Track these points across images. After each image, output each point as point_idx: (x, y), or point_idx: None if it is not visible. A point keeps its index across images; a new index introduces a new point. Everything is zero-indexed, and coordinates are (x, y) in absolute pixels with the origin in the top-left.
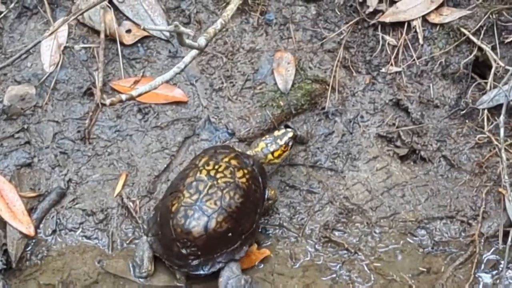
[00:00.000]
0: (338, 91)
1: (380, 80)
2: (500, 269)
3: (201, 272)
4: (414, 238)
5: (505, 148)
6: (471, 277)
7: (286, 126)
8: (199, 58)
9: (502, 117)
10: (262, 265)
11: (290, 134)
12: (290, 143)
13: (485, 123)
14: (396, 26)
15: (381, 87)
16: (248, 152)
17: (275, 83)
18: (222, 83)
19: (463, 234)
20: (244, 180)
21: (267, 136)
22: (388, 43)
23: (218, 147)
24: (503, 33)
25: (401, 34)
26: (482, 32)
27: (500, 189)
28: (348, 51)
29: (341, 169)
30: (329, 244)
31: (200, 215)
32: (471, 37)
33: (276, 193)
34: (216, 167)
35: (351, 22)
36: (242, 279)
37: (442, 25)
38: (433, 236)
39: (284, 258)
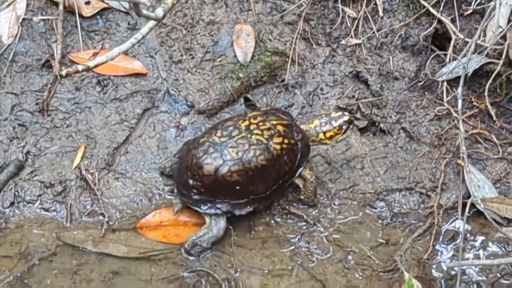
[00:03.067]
0: (298, 63)
1: (340, 52)
2: (458, 240)
3: (198, 208)
4: (373, 209)
5: (463, 120)
6: (429, 248)
7: (246, 99)
8: (159, 30)
9: (460, 89)
10: (222, 237)
11: (346, 118)
12: (344, 127)
13: (444, 95)
14: None
15: (341, 60)
16: (302, 126)
17: (235, 55)
18: (182, 55)
19: (422, 205)
20: (278, 147)
21: (323, 115)
22: (348, 16)
23: (280, 111)
24: (463, 5)
25: (361, 6)
26: (442, 4)
27: (459, 161)
28: (308, 23)
29: None
30: (289, 216)
31: (217, 156)
32: (431, 9)
33: (313, 176)
34: (260, 124)
35: None
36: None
37: None
38: (392, 207)
39: (244, 230)
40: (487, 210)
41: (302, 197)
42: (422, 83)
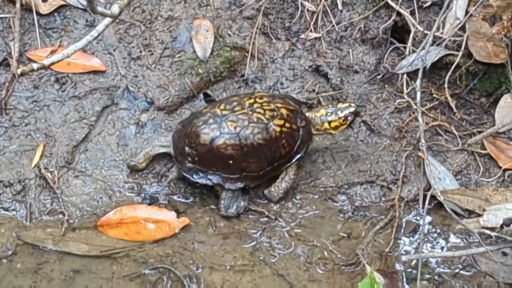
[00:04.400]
0: (258, 58)
1: (300, 46)
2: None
3: (190, 177)
4: (335, 203)
5: (424, 112)
6: (391, 241)
7: (205, 95)
8: (117, 27)
9: (418, 81)
10: (182, 234)
11: (352, 109)
12: (350, 118)
13: (404, 88)
14: None
15: (300, 54)
16: (307, 114)
17: (194, 51)
18: (141, 51)
19: (383, 198)
20: (278, 129)
21: (330, 105)
22: (307, 9)
23: (289, 96)
24: None
25: (320, 0)
26: None
27: (420, 153)
28: (267, 18)
29: None
30: (250, 212)
31: (215, 128)
32: (390, 2)
33: (295, 174)
34: (264, 104)
35: None
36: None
37: None
38: (354, 201)
39: (205, 226)
40: (447, 202)
41: (272, 189)
42: (382, 76)
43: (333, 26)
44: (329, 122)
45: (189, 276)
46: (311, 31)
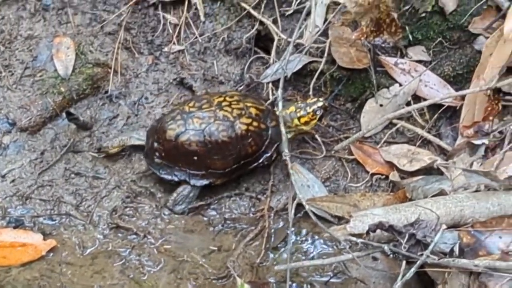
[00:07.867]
0: (121, 74)
1: (163, 59)
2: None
3: (157, 172)
4: (204, 218)
5: None
6: (262, 252)
7: (68, 113)
8: None
9: (280, 91)
10: (50, 256)
11: (320, 104)
12: (318, 112)
13: (270, 97)
14: (177, 4)
15: (164, 67)
16: (277, 113)
17: (55, 69)
18: (1, 72)
19: (252, 209)
20: (244, 127)
21: (299, 101)
22: (170, 22)
23: (262, 98)
24: (284, 6)
25: (182, 12)
26: (263, 5)
27: (287, 162)
28: (129, 33)
29: (129, 153)
30: (118, 230)
31: (181, 124)
32: (252, 11)
33: None
34: (233, 103)
35: (130, 3)
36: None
37: (222, 0)
38: (223, 213)
39: (72, 247)
40: (314, 209)
41: None
42: (247, 85)
43: (196, 37)
44: (299, 118)
45: None
46: (174, 43)
